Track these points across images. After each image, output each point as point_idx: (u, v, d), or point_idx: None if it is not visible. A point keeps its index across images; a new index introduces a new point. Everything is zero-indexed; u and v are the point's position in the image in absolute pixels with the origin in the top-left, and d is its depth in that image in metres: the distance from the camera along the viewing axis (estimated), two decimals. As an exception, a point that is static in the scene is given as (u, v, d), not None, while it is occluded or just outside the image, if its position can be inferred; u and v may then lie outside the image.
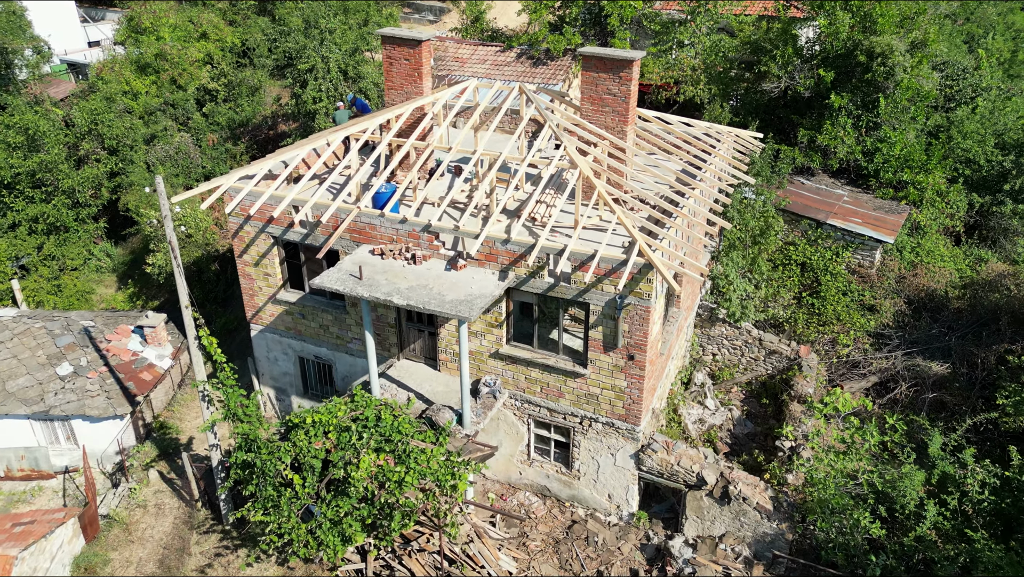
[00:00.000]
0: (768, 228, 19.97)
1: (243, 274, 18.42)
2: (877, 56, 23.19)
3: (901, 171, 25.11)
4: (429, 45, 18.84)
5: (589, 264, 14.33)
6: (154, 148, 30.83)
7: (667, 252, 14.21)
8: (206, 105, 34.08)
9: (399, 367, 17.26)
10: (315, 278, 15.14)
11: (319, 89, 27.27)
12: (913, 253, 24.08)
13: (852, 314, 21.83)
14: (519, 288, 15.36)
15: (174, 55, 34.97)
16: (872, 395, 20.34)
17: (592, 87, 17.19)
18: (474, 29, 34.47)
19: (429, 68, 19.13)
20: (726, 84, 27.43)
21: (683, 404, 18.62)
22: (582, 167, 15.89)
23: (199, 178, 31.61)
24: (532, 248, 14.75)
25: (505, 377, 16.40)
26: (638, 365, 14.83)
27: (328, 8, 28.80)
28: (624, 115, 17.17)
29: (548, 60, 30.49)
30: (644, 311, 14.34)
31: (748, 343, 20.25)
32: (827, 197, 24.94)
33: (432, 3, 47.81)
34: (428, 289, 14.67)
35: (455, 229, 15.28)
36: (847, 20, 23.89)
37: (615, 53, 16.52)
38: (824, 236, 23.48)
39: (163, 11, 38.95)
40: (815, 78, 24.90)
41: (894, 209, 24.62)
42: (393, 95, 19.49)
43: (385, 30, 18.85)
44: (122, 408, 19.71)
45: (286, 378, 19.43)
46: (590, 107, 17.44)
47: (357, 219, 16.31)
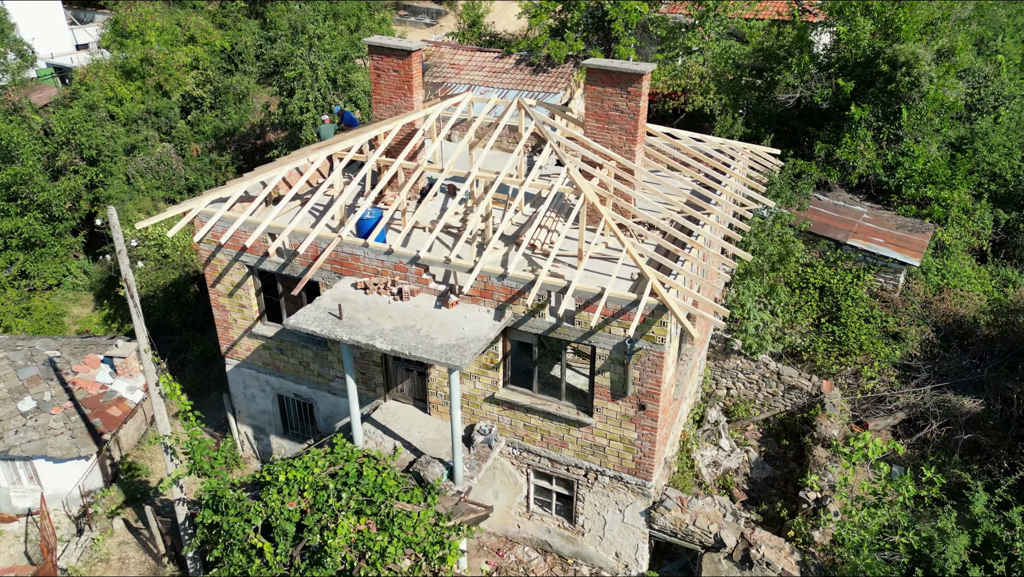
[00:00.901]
0: (788, 254, 18.45)
1: (216, 305, 16.89)
2: (901, 65, 21.65)
3: (924, 187, 23.60)
4: (420, 55, 17.32)
5: (595, 304, 12.80)
6: (134, 159, 29.31)
7: (682, 291, 12.68)
8: (191, 113, 32.56)
9: (385, 409, 15.73)
10: (290, 317, 13.62)
11: (306, 99, 25.75)
12: (939, 275, 22.56)
13: (876, 343, 20.31)
14: (517, 328, 13.83)
15: (160, 60, 33.48)
16: (900, 433, 18.82)
17: (598, 103, 15.66)
18: (471, 34, 32.97)
19: (420, 80, 17.61)
20: (737, 93, 25.91)
21: (696, 446, 17.09)
22: (587, 193, 14.36)
23: (181, 190, 30.10)
24: (532, 284, 13.23)
25: (502, 423, 14.88)
26: (650, 416, 13.30)
27: (317, 12, 27.27)
28: (633, 133, 15.64)
29: (549, 67, 28.97)
30: (657, 357, 12.81)
31: (765, 377, 18.72)
32: (846, 215, 23.42)
33: (428, 5, 46.30)
34: (415, 331, 13.14)
35: (446, 262, 13.76)
36: (868, 26, 22.37)
37: (623, 66, 14.99)
38: (844, 257, 21.97)
39: (149, 14, 37.45)
40: (833, 88, 23.37)
41: (918, 228, 23.10)
42: (381, 109, 17.97)
43: (372, 39, 17.32)
44: (87, 448, 18.18)
45: (264, 416, 17.91)
46: (595, 124, 15.91)
47: (338, 249, 14.78)
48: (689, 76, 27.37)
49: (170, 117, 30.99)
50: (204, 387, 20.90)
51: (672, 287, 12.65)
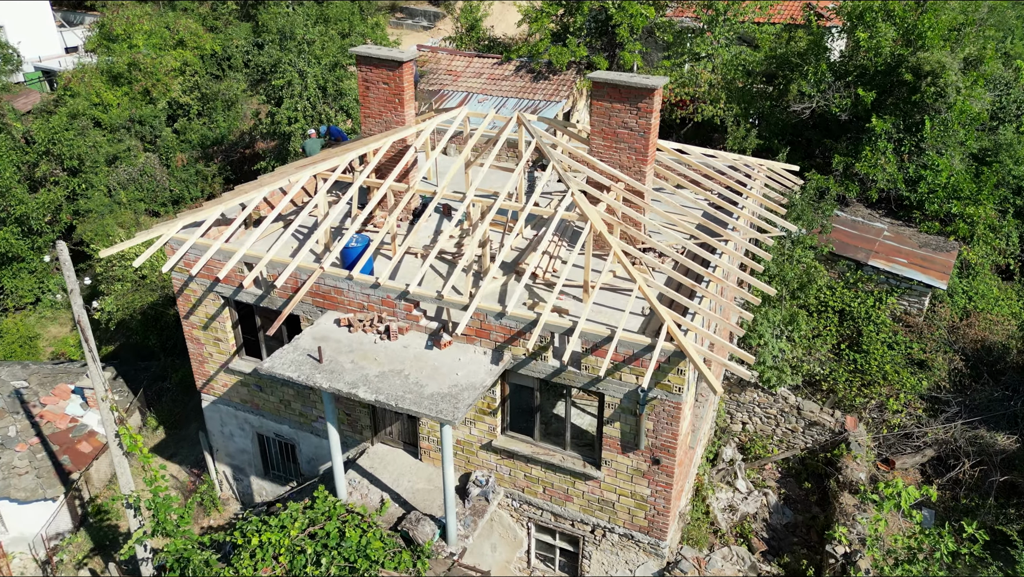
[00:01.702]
0: (810, 282, 17.12)
1: (190, 338, 15.56)
2: (926, 75, 20.32)
3: (948, 202, 22.26)
4: (411, 66, 15.99)
5: (604, 348, 11.48)
6: (116, 170, 27.98)
7: (701, 333, 11.35)
8: (178, 120, 31.23)
9: (373, 454, 14.40)
10: (265, 360, 12.28)
11: (295, 108, 24.41)
12: (965, 297, 21.22)
13: (901, 372, 18.97)
14: (516, 371, 12.50)
15: (148, 64, 32.17)
16: (929, 472, 17.49)
17: (604, 119, 14.34)
18: (469, 39, 31.63)
19: (412, 93, 16.28)
20: (748, 102, 24.57)
21: (711, 491, 15.75)
22: (593, 220, 13.03)
23: (166, 202, 28.78)
24: (533, 324, 11.90)
25: (500, 473, 13.54)
26: (664, 471, 11.97)
27: (306, 17, 25.95)
28: (643, 153, 14.32)
29: (550, 74, 27.67)
30: (673, 408, 11.48)
31: (784, 412, 17.39)
32: (865, 232, 22.08)
33: (426, 7, 44.97)
34: (403, 377, 11.81)
35: (438, 298, 12.43)
36: (890, 33, 21.03)
37: (632, 80, 13.67)
38: (865, 279, 20.63)
39: (137, 17, 36.14)
40: (852, 97, 22.03)
41: (942, 246, 21.77)
42: (370, 124, 16.65)
43: (360, 48, 16.00)
44: (53, 489, 16.88)
45: (244, 456, 16.58)
46: (602, 142, 14.59)
47: (320, 281, 13.45)
48: (697, 84, 26.04)
49: (155, 126, 29.64)
50: (183, 418, 19.58)
51: (689, 329, 11.32)
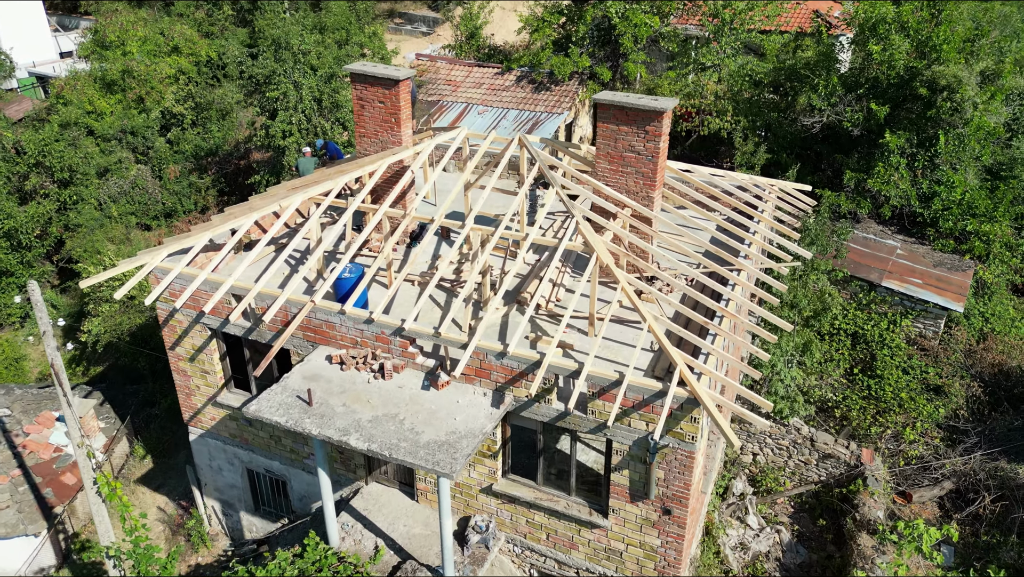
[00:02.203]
0: (825, 309, 16.43)
1: (176, 370, 14.87)
2: (942, 89, 19.63)
3: (964, 219, 21.57)
4: (408, 84, 15.31)
5: (612, 392, 10.79)
6: (107, 183, 27.29)
7: (715, 377, 10.65)
8: (171, 130, 30.52)
9: (367, 495, 13.70)
10: (252, 403, 11.58)
11: (289, 121, 23.71)
12: (981, 319, 20.53)
13: (917, 399, 18.28)
14: (518, 412, 11.81)
15: (142, 72, 31.52)
16: (947, 505, 16.79)
17: (610, 142, 13.65)
18: (469, 47, 30.92)
19: (409, 112, 15.60)
20: (755, 114, 23.87)
21: (722, 531, 15.06)
22: (599, 252, 12.33)
23: (158, 215, 28.10)
24: (536, 365, 11.21)
25: (501, 517, 12.85)
26: (676, 521, 11.29)
27: (303, 27, 25.24)
28: (651, 178, 13.63)
29: (552, 84, 26.97)
30: (686, 456, 10.79)
31: (797, 443, 16.70)
32: (878, 250, 21.38)
33: (425, 14, 44.25)
34: (398, 422, 11.11)
35: (435, 335, 11.73)
36: (904, 46, 20.33)
37: (640, 103, 12.98)
38: (878, 300, 19.94)
39: (131, 23, 35.47)
40: (864, 111, 21.33)
41: (957, 265, 21.07)
42: (366, 143, 15.97)
43: (354, 66, 15.31)
44: (35, 524, 16.18)
45: (233, 491, 15.89)
46: (607, 166, 13.89)
47: (312, 315, 12.76)
48: (703, 95, 25.33)
49: (147, 136, 28.94)
50: (172, 446, 18.88)
51: (703, 373, 10.63)
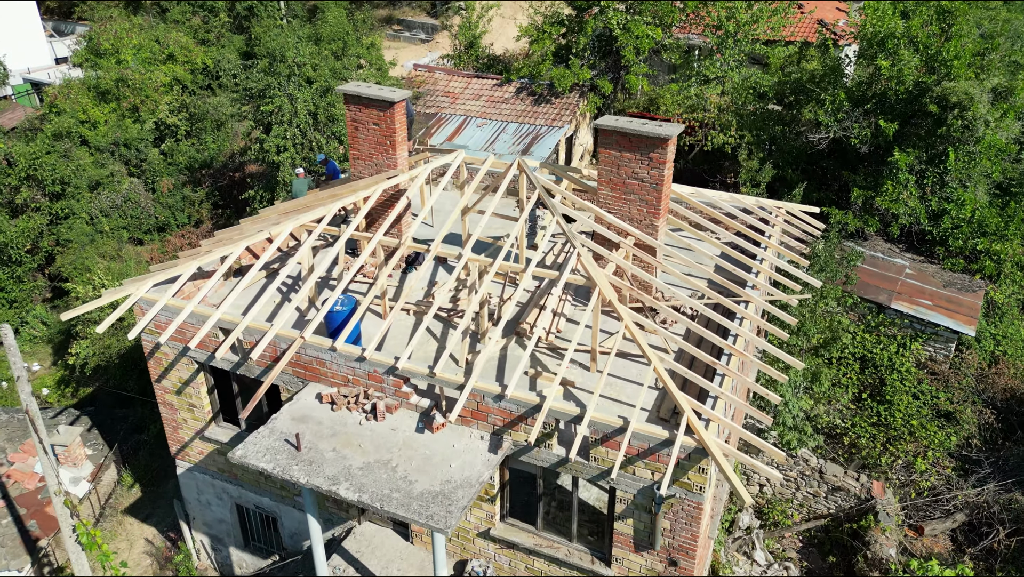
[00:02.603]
0: (835, 339, 15.91)
1: (163, 402, 14.36)
2: (952, 107, 19.11)
3: (973, 238, 21.04)
4: (403, 107, 14.79)
5: (616, 439, 10.27)
6: (98, 197, 26.78)
7: (724, 424, 10.13)
8: (165, 141, 30.00)
9: (360, 535, 13.17)
10: (238, 448, 11.05)
11: (284, 136, 23.18)
12: (993, 341, 20.00)
13: (928, 427, 17.76)
14: (517, 456, 11.29)
15: (136, 80, 31.05)
16: (960, 539, 16.27)
17: (613, 169, 13.14)
18: (468, 57, 30.40)
19: (405, 134, 15.08)
20: (760, 128, 23.33)
21: (728, 569, 14.52)
22: (601, 287, 11.81)
23: (150, 229, 27.57)
24: (536, 409, 10.69)
25: (499, 562, 12.33)
26: (683, 573, 10.76)
27: (299, 40, 24.71)
28: (655, 206, 13.12)
29: (552, 96, 26.46)
30: (693, 508, 10.27)
31: (805, 475, 16.18)
32: (886, 269, 20.85)
33: (424, 20, 43.72)
34: (390, 469, 10.59)
35: (430, 375, 11.21)
36: (914, 61, 19.80)
37: (643, 130, 12.47)
38: (887, 323, 19.41)
39: (125, 31, 34.98)
40: (872, 128, 20.80)
41: (967, 285, 20.54)
42: (360, 166, 15.46)
43: (348, 87, 14.80)
44: (18, 560, 15.66)
45: (222, 526, 15.37)
46: (610, 193, 13.38)
47: (302, 351, 12.24)
48: (706, 108, 24.81)
49: (141, 148, 28.41)
50: (161, 474, 18.36)
51: (711, 420, 10.11)
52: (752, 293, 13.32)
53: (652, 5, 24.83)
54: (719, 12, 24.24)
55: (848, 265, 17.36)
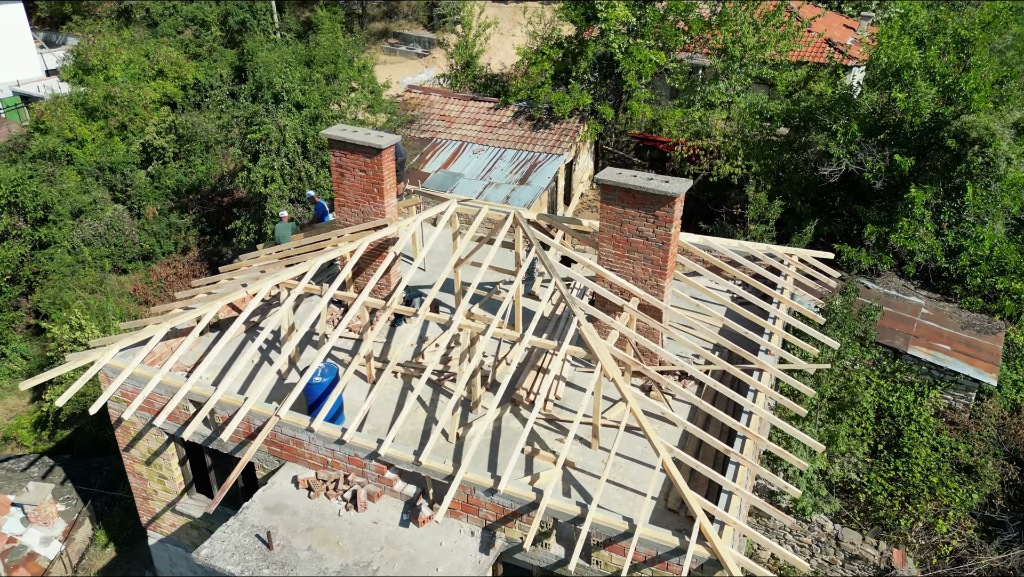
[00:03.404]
0: (854, 403, 14.94)
1: (132, 472, 13.40)
2: (972, 142, 18.14)
3: (992, 276, 20.08)
4: (392, 152, 13.83)
5: (621, 544, 9.29)
6: (80, 225, 25.83)
7: (739, 528, 9.16)
8: (152, 164, 29.04)
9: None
10: (203, 547, 10.07)
11: (271, 167, 22.21)
12: (1014, 388, 19.03)
13: (948, 483, 16.79)
14: (512, 554, 10.31)
15: (124, 97, 30.16)
16: (984, 609, 15.30)
17: (615, 225, 12.18)
18: (464, 77, 29.43)
19: (393, 181, 14.12)
20: (768, 157, 22.36)
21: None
22: (604, 363, 10.83)
23: (134, 258, 26.59)
24: (532, 506, 9.71)
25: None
26: None
27: (285, 64, 23.73)
28: (661, 266, 12.16)
29: (551, 121, 25.51)
30: (704, 619, 9.30)
31: (820, 541, 15.20)
32: (901, 309, 19.89)
33: (421, 34, 42.76)
34: (371, 572, 9.60)
35: (415, 463, 10.24)
36: (931, 93, 18.83)
37: (648, 187, 11.51)
38: (904, 369, 18.44)
39: (113, 46, 34.06)
40: (886, 160, 19.84)
41: (986, 327, 19.57)
42: (346, 213, 14.49)
43: (333, 131, 13.83)
44: (-19, 633, 14.71)
45: (198, 600, 14.38)
46: (612, 250, 12.42)
47: (278, 430, 11.26)
48: (711, 135, 23.84)
49: (127, 173, 27.44)
50: (136, 532, 17.38)
51: (727, 524, 9.13)
52: (765, 359, 12.36)
53: (655, 28, 23.86)
54: (725, 36, 23.26)
55: (867, 320, 16.40)
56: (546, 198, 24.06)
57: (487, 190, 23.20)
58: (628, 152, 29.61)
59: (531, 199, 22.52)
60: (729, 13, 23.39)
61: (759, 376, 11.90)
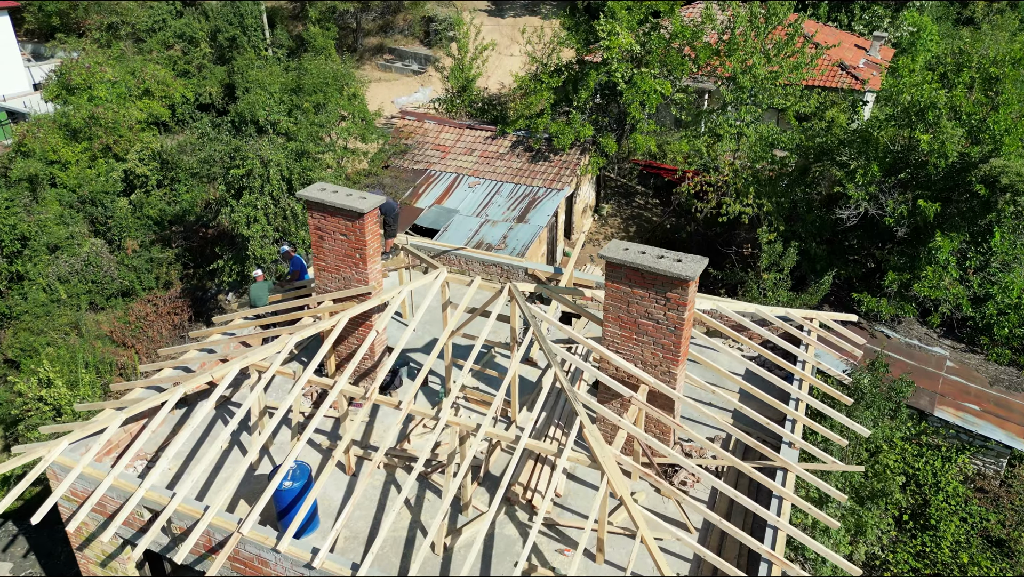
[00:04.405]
0: (885, 493, 13.68)
1: (86, 571, 12.12)
2: (1003, 189, 16.89)
3: (1022, 326, 18.83)
4: (376, 215, 12.60)
5: None
6: (56, 262, 24.57)
7: None
8: (134, 192, 27.79)
9: None
10: None
11: (254, 206, 20.94)
12: (1047, 450, 17.73)
13: (979, 560, 15.51)
14: None
15: (108, 118, 29.00)
16: None
17: (621, 305, 10.93)
18: (461, 103, 28.17)
19: (378, 245, 12.89)
20: (780, 194, 21.09)
21: None
22: (610, 475, 9.56)
23: (114, 295, 25.31)
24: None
25: None
26: None
27: (269, 95, 22.47)
28: (673, 351, 10.91)
29: (551, 153, 24.26)
30: None
31: (843, 635, 13.91)
32: (924, 362, 18.61)
33: (417, 50, 41.52)
34: None
35: (396, 593, 8.99)
36: (959, 135, 17.57)
37: (659, 267, 10.26)
38: (930, 431, 17.17)
39: (98, 64, 32.85)
40: (908, 204, 18.58)
41: (1016, 383, 18.32)
42: (325, 278, 13.25)
43: (310, 192, 12.59)
44: None
45: None
46: (618, 331, 11.17)
47: (241, 547, 9.99)
48: (720, 170, 22.57)
49: (107, 205, 26.19)
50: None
51: None
52: (788, 454, 11.11)
53: (660, 55, 22.60)
54: (735, 66, 21.99)
55: (898, 396, 15.12)
56: (545, 235, 22.81)
57: (483, 228, 21.94)
58: (631, 180, 28.36)
59: (529, 239, 21.25)
60: (739, 41, 22.12)
61: (782, 479, 10.64)
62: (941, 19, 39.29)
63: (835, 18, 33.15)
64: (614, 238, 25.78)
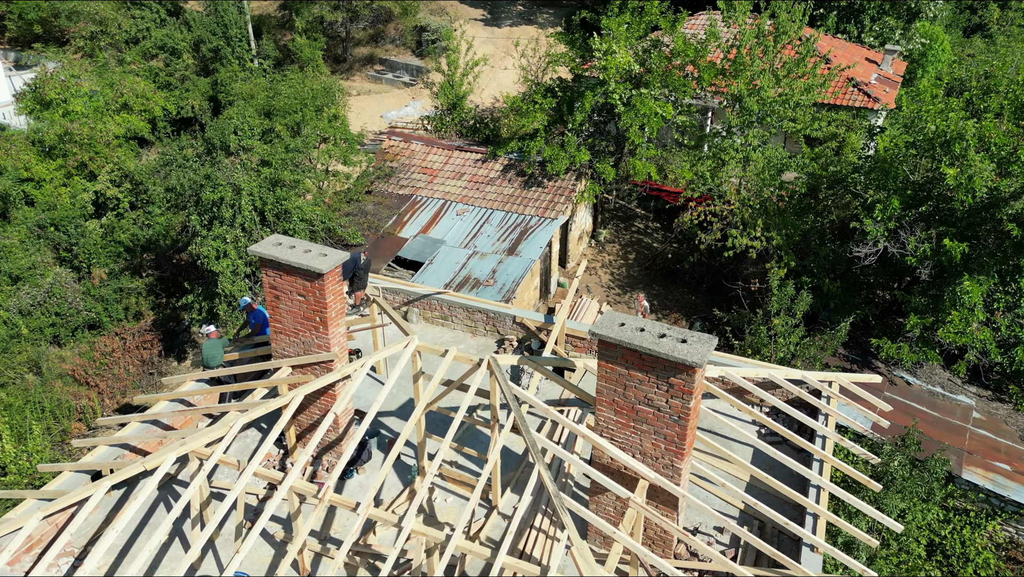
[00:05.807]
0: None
1: None
2: (1039, 229, 15.38)
3: (1054, 374, 17.32)
4: (337, 274, 11.07)
5: None
6: (18, 293, 23.04)
7: None
8: (105, 215, 26.28)
9: None
10: None
11: (224, 239, 19.40)
12: (1085, 514, 16.18)
13: (1014, 645, 14.01)
14: None
15: (84, 134, 27.59)
16: None
17: (617, 388, 9.41)
18: (451, 121, 26.64)
19: (340, 307, 11.36)
20: (790, 225, 19.56)
21: None
22: (603, 609, 8.03)
23: (79, 327, 23.76)
24: None
25: None
26: None
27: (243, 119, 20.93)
28: (677, 443, 9.38)
29: (544, 179, 22.73)
30: None
31: None
32: (949, 414, 17.10)
33: (408, 60, 40.02)
34: None
35: None
36: (988, 169, 16.04)
37: (660, 351, 8.73)
38: (958, 494, 15.63)
39: (74, 77, 31.40)
40: (932, 242, 17.06)
41: (1049, 437, 16.77)
42: (283, 342, 11.75)
43: (262, 248, 11.06)
44: None
45: None
46: (612, 417, 9.65)
47: None
48: (726, 199, 21.04)
49: (70, 232, 24.68)
50: None
51: None
52: (809, 561, 9.58)
53: (660, 75, 21.06)
54: (741, 88, 20.45)
55: (931, 478, 13.58)
56: (538, 267, 21.28)
57: (471, 261, 20.40)
58: (630, 202, 26.85)
59: (520, 274, 19.72)
60: (745, 60, 20.58)
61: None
62: (951, 27, 37.79)
63: (844, 29, 31.61)
64: (611, 267, 24.24)
